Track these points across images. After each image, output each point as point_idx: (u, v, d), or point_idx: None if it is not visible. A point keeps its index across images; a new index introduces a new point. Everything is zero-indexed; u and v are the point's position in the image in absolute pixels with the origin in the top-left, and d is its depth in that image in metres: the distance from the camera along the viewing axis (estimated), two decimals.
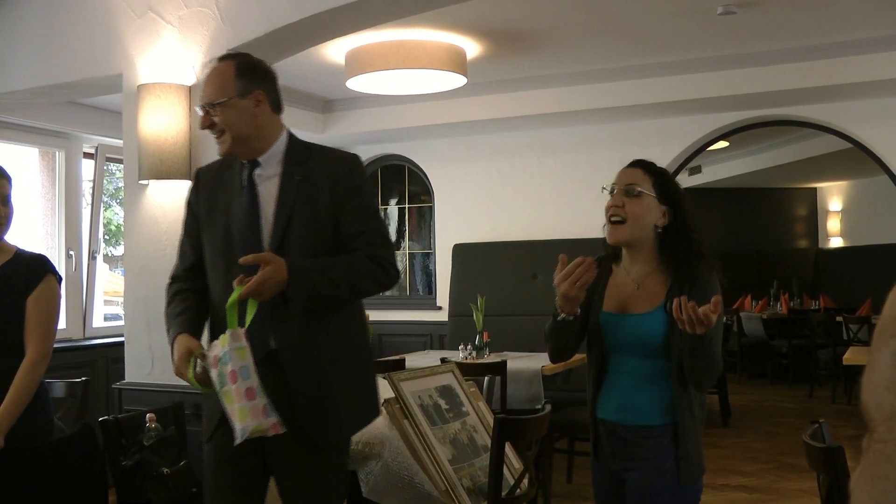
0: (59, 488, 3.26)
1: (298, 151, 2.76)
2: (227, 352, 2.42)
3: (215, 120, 2.68)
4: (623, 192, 2.65)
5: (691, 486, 2.58)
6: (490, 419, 3.63)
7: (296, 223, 2.65)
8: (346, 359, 2.72)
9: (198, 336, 2.67)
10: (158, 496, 3.94)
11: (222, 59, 2.77)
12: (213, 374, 2.45)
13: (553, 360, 2.81)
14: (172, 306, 2.74)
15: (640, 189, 2.63)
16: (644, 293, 2.65)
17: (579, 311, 2.61)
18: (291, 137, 2.81)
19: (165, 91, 4.40)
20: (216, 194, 2.75)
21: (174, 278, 2.82)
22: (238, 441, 2.43)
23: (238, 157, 2.74)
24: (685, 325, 2.37)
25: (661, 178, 2.67)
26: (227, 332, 2.44)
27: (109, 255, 8.84)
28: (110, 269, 8.65)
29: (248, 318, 2.46)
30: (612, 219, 2.66)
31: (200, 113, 2.70)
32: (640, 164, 2.70)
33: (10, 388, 3.11)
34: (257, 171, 2.72)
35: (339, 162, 2.77)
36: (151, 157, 4.36)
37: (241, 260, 2.49)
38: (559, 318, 2.62)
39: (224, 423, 2.57)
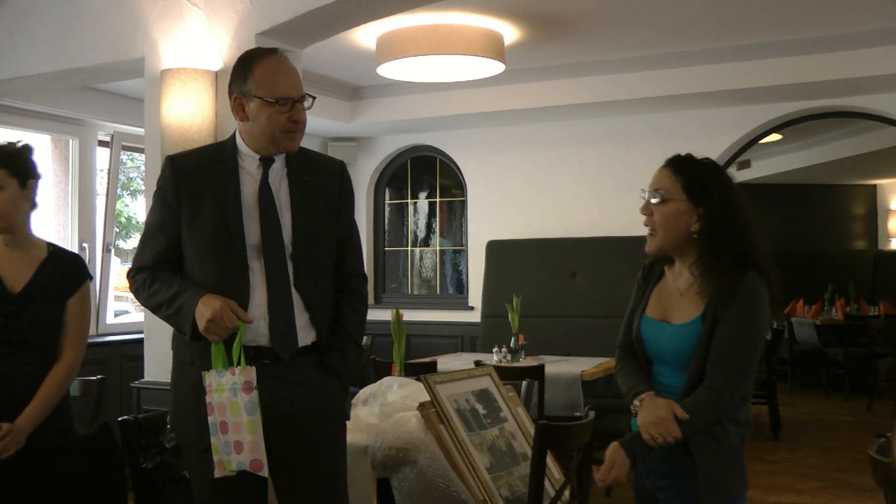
0: (77, 489, 3.32)
1: (295, 152, 2.91)
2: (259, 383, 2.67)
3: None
4: (651, 198, 2.65)
5: None
6: (529, 426, 3.66)
7: (312, 224, 2.84)
8: None
9: None
10: (179, 499, 4.01)
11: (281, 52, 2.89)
12: (245, 397, 2.64)
13: None
14: (163, 282, 2.79)
15: (665, 194, 2.63)
16: (686, 302, 2.66)
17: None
18: None
19: (190, 76, 4.47)
20: (202, 188, 2.81)
21: (142, 267, 2.86)
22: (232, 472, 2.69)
23: (257, 153, 2.84)
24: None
25: (692, 178, 2.63)
26: (252, 367, 2.66)
27: (118, 248, 8.93)
28: (121, 263, 8.73)
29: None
30: (645, 225, 2.68)
31: (308, 105, 2.83)
32: (671, 164, 2.69)
33: (39, 388, 3.21)
34: (273, 168, 2.85)
35: (335, 166, 3.00)
36: (175, 146, 4.43)
37: None
38: (630, 404, 2.68)
39: None
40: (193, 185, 2.81)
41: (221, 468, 2.69)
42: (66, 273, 3.34)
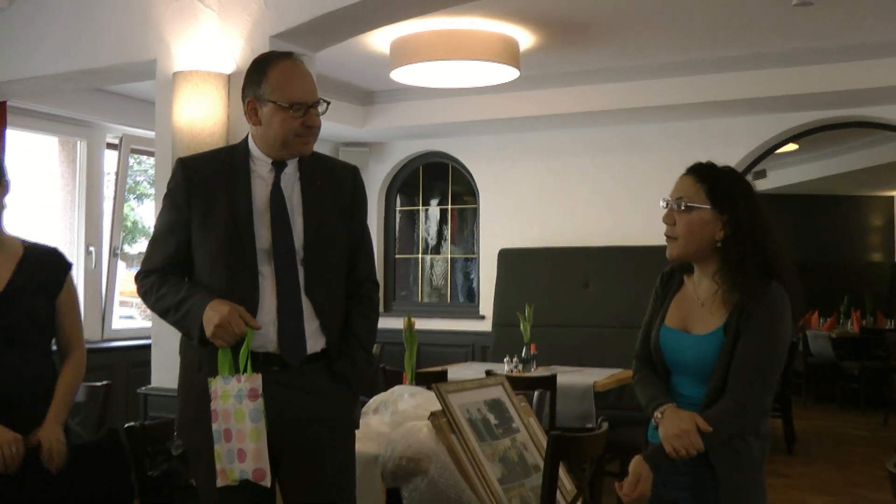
0: (82, 495, 3.32)
1: (308, 156, 2.91)
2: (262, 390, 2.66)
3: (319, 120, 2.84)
4: (673, 206, 2.64)
5: None
6: (542, 436, 3.66)
7: (324, 229, 2.82)
8: None
9: None
10: None
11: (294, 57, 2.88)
12: (251, 404, 2.64)
13: None
14: (171, 286, 2.78)
15: (688, 202, 2.62)
16: (707, 312, 2.64)
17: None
18: None
19: (203, 79, 4.48)
20: (213, 191, 2.80)
21: (151, 271, 2.84)
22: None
23: (268, 157, 2.83)
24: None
25: (716, 185, 2.62)
26: (259, 374, 2.65)
27: (124, 252, 8.94)
28: (126, 268, 8.73)
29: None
30: (666, 234, 2.67)
31: (322, 110, 2.82)
32: (694, 171, 2.67)
33: (56, 387, 3.25)
34: (285, 172, 2.84)
35: (348, 171, 2.98)
36: (186, 149, 4.43)
37: None
38: (652, 416, 2.67)
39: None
40: (204, 188, 2.80)
41: (224, 477, 2.68)
42: (47, 268, 3.32)
